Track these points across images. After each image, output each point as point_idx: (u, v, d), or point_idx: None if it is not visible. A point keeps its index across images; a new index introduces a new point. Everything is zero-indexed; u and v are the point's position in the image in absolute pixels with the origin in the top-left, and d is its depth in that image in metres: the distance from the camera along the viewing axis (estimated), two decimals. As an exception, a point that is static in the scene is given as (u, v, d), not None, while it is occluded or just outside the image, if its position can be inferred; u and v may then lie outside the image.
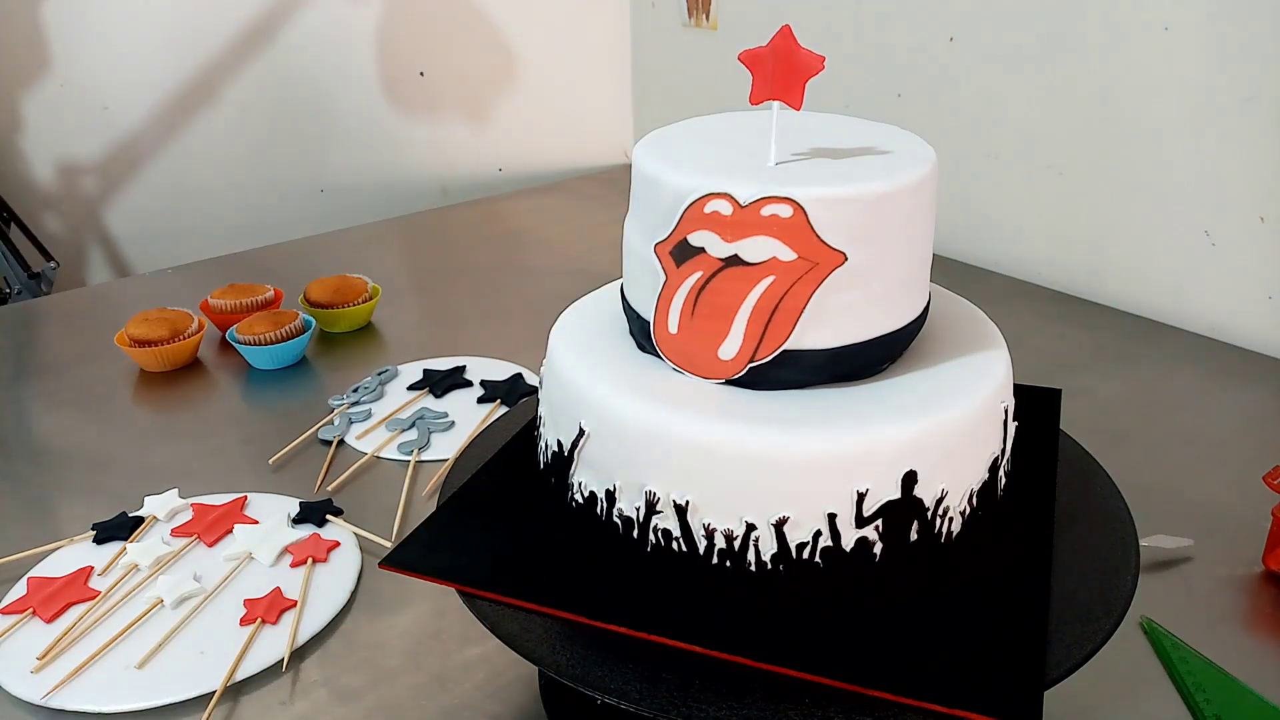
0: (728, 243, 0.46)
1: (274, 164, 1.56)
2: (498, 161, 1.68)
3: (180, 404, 0.96)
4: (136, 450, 0.88)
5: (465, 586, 0.49)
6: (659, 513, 0.47)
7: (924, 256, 0.51)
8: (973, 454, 0.48)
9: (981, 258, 1.23)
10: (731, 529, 0.46)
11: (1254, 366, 0.96)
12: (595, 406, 0.49)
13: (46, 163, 1.47)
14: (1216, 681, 0.58)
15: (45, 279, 1.31)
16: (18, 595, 0.68)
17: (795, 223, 0.45)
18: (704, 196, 0.46)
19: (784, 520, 0.45)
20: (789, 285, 0.46)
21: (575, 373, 0.51)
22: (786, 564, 0.46)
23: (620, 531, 0.49)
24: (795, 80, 0.48)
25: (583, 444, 0.50)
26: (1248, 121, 0.95)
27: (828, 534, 0.45)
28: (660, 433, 0.46)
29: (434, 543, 0.53)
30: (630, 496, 0.48)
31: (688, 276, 0.48)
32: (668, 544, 0.47)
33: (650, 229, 0.49)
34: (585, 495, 0.50)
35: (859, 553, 0.46)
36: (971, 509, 0.48)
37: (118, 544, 0.73)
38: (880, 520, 0.45)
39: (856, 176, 0.47)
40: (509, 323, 1.11)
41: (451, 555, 0.52)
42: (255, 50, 1.50)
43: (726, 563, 0.46)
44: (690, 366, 0.49)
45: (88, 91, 1.45)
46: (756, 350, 0.47)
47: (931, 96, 1.22)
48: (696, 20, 1.51)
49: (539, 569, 0.51)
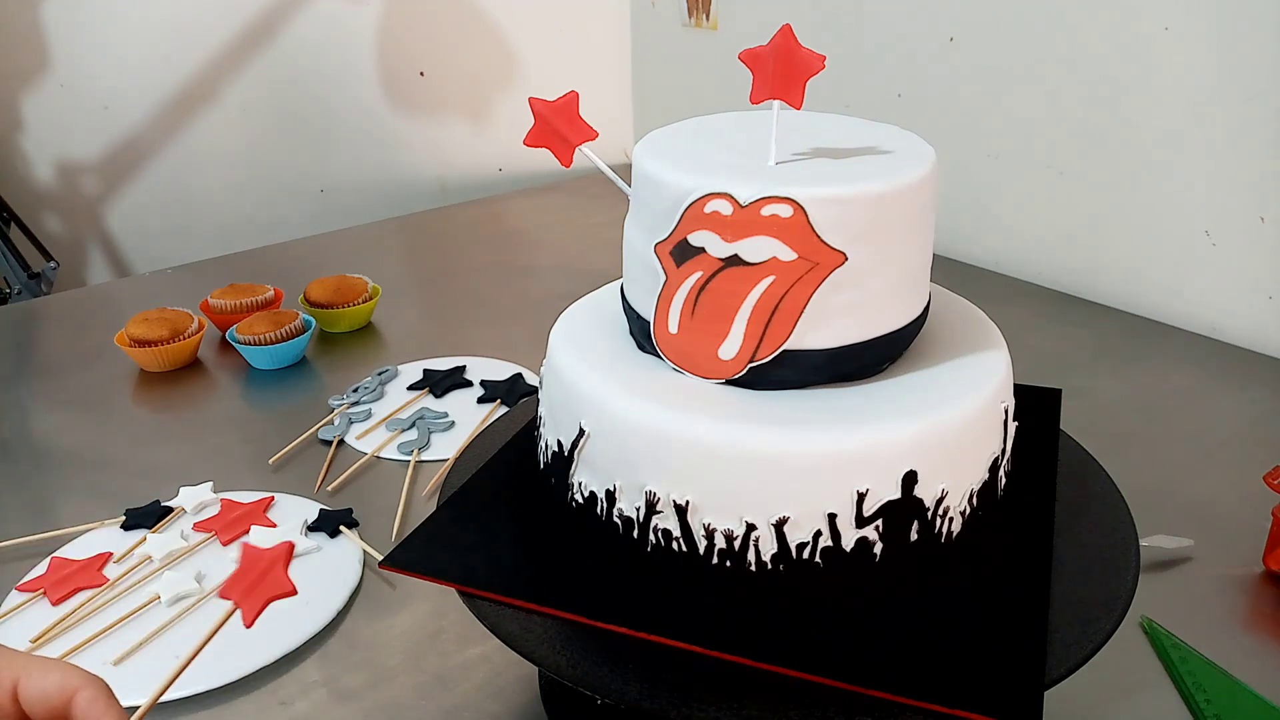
0: (728, 243, 0.46)
1: (274, 164, 1.56)
2: (498, 161, 1.68)
3: (180, 404, 0.96)
4: (136, 450, 0.88)
5: (465, 586, 0.49)
6: (659, 513, 0.47)
7: (924, 257, 0.51)
8: (973, 454, 0.48)
9: (982, 258, 1.23)
10: (732, 529, 0.46)
11: (1254, 366, 0.96)
12: (595, 407, 0.49)
13: (46, 162, 1.47)
14: (1217, 681, 0.58)
15: (45, 279, 1.31)
16: (37, 574, 0.70)
17: (795, 223, 0.45)
18: (704, 196, 0.46)
19: (784, 520, 0.45)
20: (789, 285, 0.46)
21: (575, 373, 0.51)
22: (787, 564, 0.46)
23: (620, 532, 0.49)
24: (796, 80, 0.48)
25: (583, 444, 0.50)
26: (1248, 121, 0.95)
27: (828, 534, 0.45)
28: (660, 433, 0.46)
29: (434, 543, 0.53)
30: (630, 497, 0.48)
31: (688, 276, 0.48)
32: (668, 544, 0.47)
33: (650, 229, 0.49)
34: (585, 495, 0.50)
35: (859, 553, 0.46)
36: (972, 509, 0.48)
37: (142, 531, 0.74)
38: (880, 520, 0.45)
39: (857, 176, 0.47)
40: (509, 323, 1.11)
41: (451, 555, 0.52)
42: (255, 50, 1.49)
43: (727, 563, 0.46)
44: (690, 366, 0.49)
45: (88, 91, 1.45)
46: (757, 350, 0.47)
47: (931, 96, 1.22)
48: (696, 20, 1.51)
49: (539, 569, 0.51)
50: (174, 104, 1.48)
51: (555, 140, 0.54)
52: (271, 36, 1.49)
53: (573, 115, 0.53)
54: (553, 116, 0.53)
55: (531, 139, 0.54)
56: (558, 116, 0.53)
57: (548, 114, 0.53)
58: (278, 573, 0.69)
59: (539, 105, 0.53)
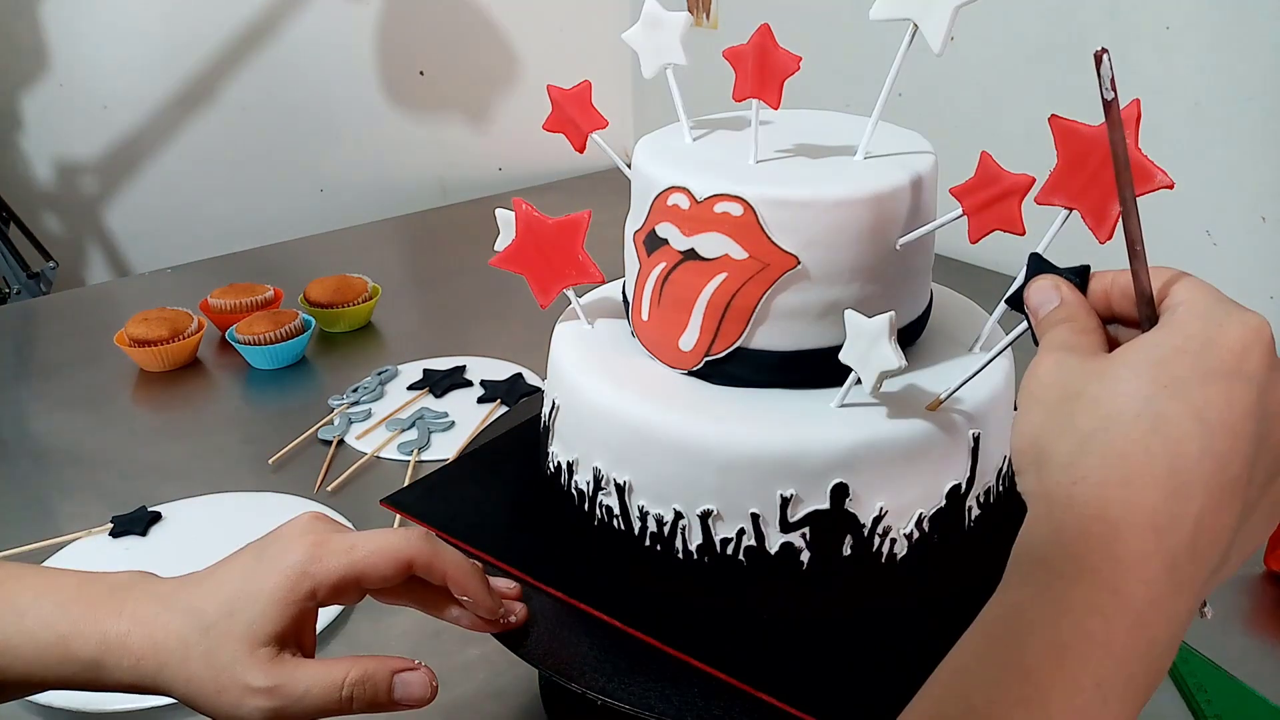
0: (686, 236, 0.47)
1: (274, 164, 1.56)
2: (498, 161, 1.68)
3: (180, 404, 0.96)
4: (136, 450, 0.87)
5: (439, 532, 0.52)
6: (604, 490, 0.49)
7: (906, 265, 0.48)
8: (920, 477, 0.46)
9: (982, 258, 1.23)
10: (663, 514, 0.47)
11: (1254, 366, 0.96)
12: (565, 381, 0.51)
13: (46, 162, 1.46)
14: (1218, 681, 0.58)
15: (45, 279, 1.30)
16: None
17: (745, 222, 0.45)
18: (667, 189, 0.47)
19: (709, 513, 0.46)
20: (740, 283, 0.46)
21: (560, 348, 0.53)
22: (711, 557, 0.46)
23: (576, 503, 0.51)
24: (772, 80, 0.49)
25: (555, 415, 0.52)
26: (1248, 121, 0.95)
27: (752, 533, 0.45)
28: (610, 412, 0.47)
29: (433, 491, 0.57)
30: (584, 471, 0.50)
31: (655, 265, 0.49)
32: (610, 521, 0.49)
33: (633, 218, 0.51)
34: (555, 464, 0.53)
35: (784, 558, 0.46)
36: (922, 534, 0.46)
37: (133, 538, 0.74)
38: (807, 528, 0.45)
39: (821, 180, 0.46)
40: (509, 323, 1.11)
41: (443, 504, 0.56)
42: (255, 50, 1.49)
43: (658, 547, 0.47)
44: (659, 353, 0.50)
45: (88, 91, 1.44)
46: (712, 345, 0.48)
47: (931, 96, 1.22)
48: (697, 20, 1.51)
49: (505, 529, 0.54)
50: (174, 104, 1.48)
51: (570, 127, 0.56)
52: (271, 37, 1.49)
53: (585, 104, 0.55)
54: (567, 104, 0.55)
55: (550, 124, 0.56)
56: (572, 104, 0.55)
57: (563, 101, 0.55)
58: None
59: (556, 93, 0.55)
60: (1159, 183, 0.40)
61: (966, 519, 0.48)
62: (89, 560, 0.71)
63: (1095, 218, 0.41)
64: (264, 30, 1.49)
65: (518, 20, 1.61)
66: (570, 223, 0.51)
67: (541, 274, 0.52)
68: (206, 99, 1.50)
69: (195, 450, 0.87)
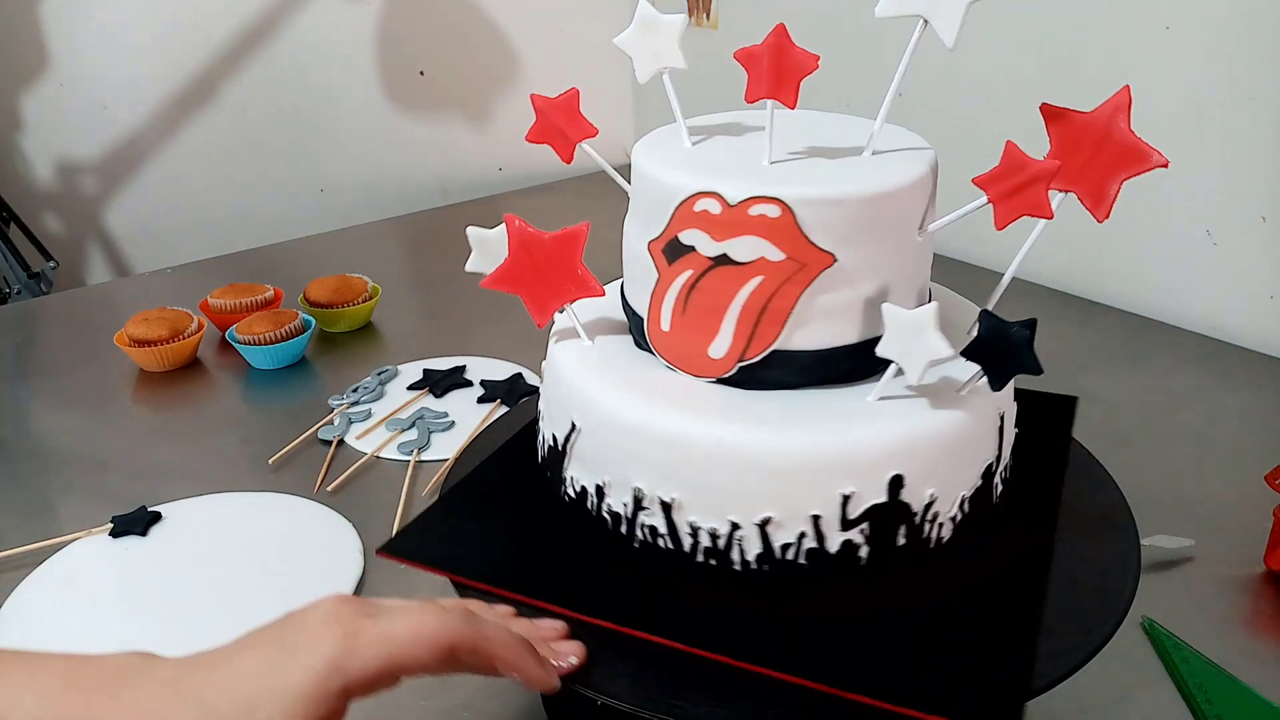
0: (717, 241, 0.46)
1: (274, 164, 1.56)
2: (498, 161, 1.68)
3: (180, 404, 0.96)
4: (136, 450, 0.87)
5: (457, 576, 0.50)
6: (646, 510, 0.47)
7: (922, 258, 0.50)
8: (964, 459, 0.47)
9: (982, 257, 1.23)
10: (716, 528, 0.46)
11: (1255, 366, 0.96)
12: (586, 401, 0.49)
13: (46, 162, 1.46)
14: (1218, 682, 0.58)
15: (45, 279, 1.30)
16: None
17: (783, 223, 0.45)
18: (694, 195, 0.46)
19: (768, 521, 0.45)
20: (777, 285, 0.46)
21: (570, 368, 0.51)
22: (771, 564, 0.46)
23: (610, 527, 0.49)
24: (790, 79, 0.48)
25: (575, 439, 0.50)
26: (1248, 121, 0.95)
27: (812, 536, 0.45)
28: (647, 430, 0.46)
29: (430, 532, 0.53)
30: (619, 493, 0.48)
31: (679, 274, 0.48)
32: (654, 541, 0.47)
33: (645, 226, 0.49)
34: (577, 490, 0.50)
35: (844, 555, 0.45)
36: (964, 514, 0.48)
37: (133, 538, 0.74)
38: (866, 524, 0.45)
39: (848, 177, 0.47)
40: (509, 323, 1.11)
41: (449, 546, 0.52)
42: (255, 50, 1.49)
43: (712, 561, 0.46)
44: (682, 364, 0.49)
45: (88, 91, 1.44)
46: (746, 350, 0.47)
47: (931, 96, 1.22)
48: (697, 20, 1.51)
49: (528, 562, 0.51)
50: (173, 103, 1.48)
51: (556, 136, 0.54)
52: (271, 36, 1.49)
53: (573, 112, 0.53)
54: (554, 113, 0.53)
55: (533, 135, 0.54)
56: (559, 113, 0.53)
57: (549, 110, 0.53)
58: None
59: (540, 102, 0.53)
60: (1154, 162, 0.41)
61: (994, 494, 0.50)
62: (89, 560, 0.71)
63: (1093, 199, 0.44)
64: (264, 30, 1.49)
65: (517, 20, 1.61)
66: (568, 236, 0.50)
67: (538, 292, 0.51)
68: (206, 99, 1.50)
69: (195, 450, 0.87)
